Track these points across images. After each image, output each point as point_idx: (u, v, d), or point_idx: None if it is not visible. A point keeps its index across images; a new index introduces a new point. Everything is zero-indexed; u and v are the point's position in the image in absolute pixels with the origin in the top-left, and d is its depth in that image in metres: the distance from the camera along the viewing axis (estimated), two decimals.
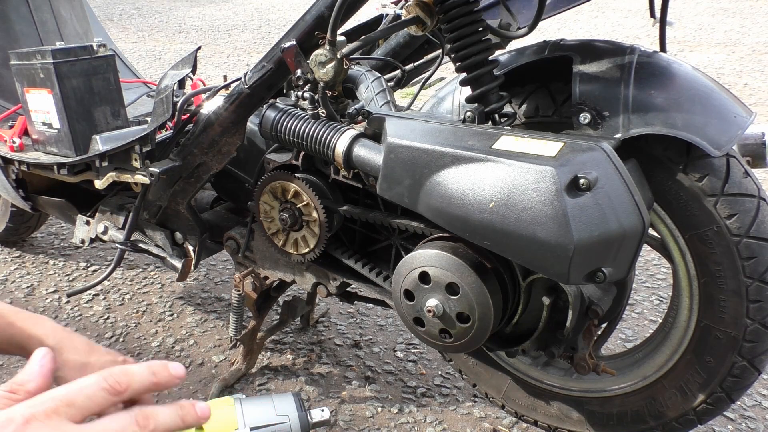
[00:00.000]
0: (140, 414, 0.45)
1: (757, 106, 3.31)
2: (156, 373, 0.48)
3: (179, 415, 0.48)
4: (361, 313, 1.73)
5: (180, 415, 0.48)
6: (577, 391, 1.14)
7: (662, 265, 1.93)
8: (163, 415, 0.46)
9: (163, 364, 0.49)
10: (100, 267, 2.00)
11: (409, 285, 0.95)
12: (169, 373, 0.48)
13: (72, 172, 1.39)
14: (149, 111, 1.62)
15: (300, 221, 1.14)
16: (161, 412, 0.47)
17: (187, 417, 0.48)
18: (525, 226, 0.78)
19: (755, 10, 5.91)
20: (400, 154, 0.90)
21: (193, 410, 0.49)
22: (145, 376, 0.47)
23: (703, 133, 0.85)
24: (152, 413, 0.46)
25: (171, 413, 0.47)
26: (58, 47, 1.31)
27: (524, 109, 1.03)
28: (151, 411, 0.46)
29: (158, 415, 0.46)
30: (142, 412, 0.46)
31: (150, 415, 0.46)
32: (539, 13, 0.94)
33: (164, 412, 0.47)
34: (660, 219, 0.96)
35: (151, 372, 0.48)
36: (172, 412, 0.47)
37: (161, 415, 0.46)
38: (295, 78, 1.04)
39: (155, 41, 5.56)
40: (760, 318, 0.91)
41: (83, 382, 0.44)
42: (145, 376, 0.47)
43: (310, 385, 1.44)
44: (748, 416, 1.33)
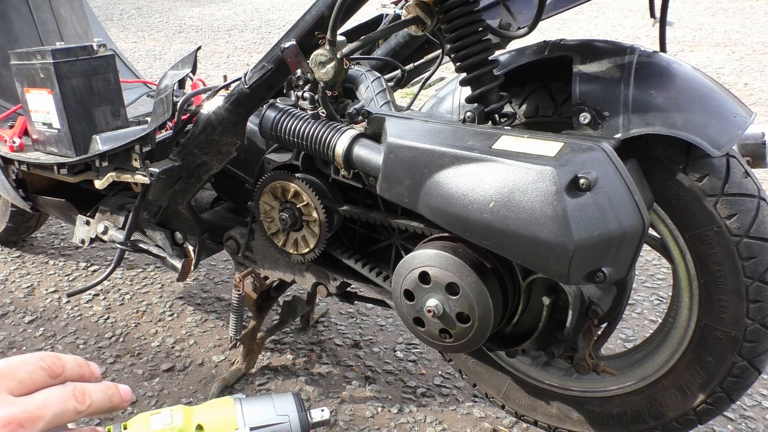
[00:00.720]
0: (77, 389, 0.46)
1: (757, 106, 3.31)
2: (81, 365, 0.49)
3: (107, 394, 0.49)
4: (361, 313, 1.73)
5: (108, 395, 0.49)
6: (577, 391, 1.14)
7: (662, 265, 1.93)
8: (95, 394, 0.47)
9: (86, 361, 0.50)
10: (100, 267, 2.00)
11: (409, 285, 0.95)
12: (90, 370, 0.49)
13: (72, 172, 1.39)
14: (149, 111, 1.62)
15: (300, 221, 1.14)
16: (93, 390, 0.47)
17: (113, 397, 0.49)
18: (525, 226, 0.78)
19: (755, 10, 5.91)
20: (400, 154, 0.90)
21: (118, 392, 0.49)
22: (74, 365, 0.48)
23: (703, 133, 0.85)
24: (87, 390, 0.47)
25: (101, 392, 0.48)
26: (58, 47, 1.31)
27: (524, 109, 1.03)
28: (86, 387, 0.47)
29: (92, 392, 0.47)
30: (78, 387, 0.46)
31: (86, 391, 0.46)
32: (539, 13, 0.94)
33: (96, 390, 0.48)
34: (660, 219, 0.96)
35: (77, 363, 0.49)
36: (101, 391, 0.48)
37: (94, 393, 0.47)
38: (295, 78, 1.04)
39: (155, 41, 5.56)
40: (760, 318, 0.91)
41: (22, 359, 0.45)
42: (74, 365, 0.48)
43: (310, 385, 1.44)
44: (748, 416, 1.33)
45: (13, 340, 1.64)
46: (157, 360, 1.55)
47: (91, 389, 0.47)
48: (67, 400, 0.44)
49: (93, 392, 0.47)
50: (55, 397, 0.44)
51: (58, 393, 0.44)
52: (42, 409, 0.42)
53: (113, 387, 0.49)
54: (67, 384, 0.46)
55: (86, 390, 0.46)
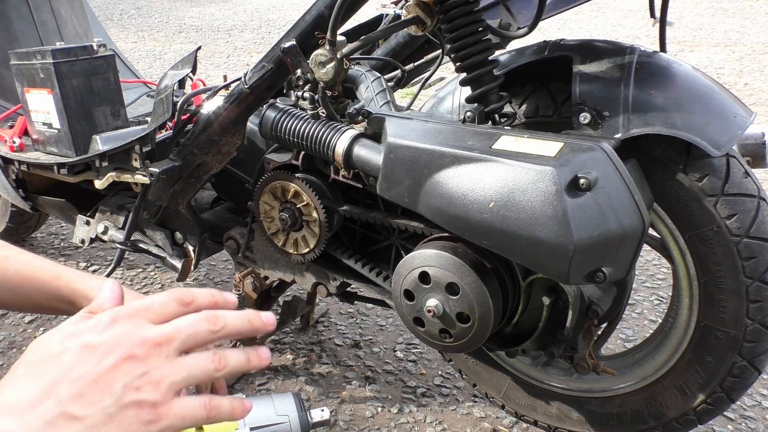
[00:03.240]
0: (210, 313, 0.49)
1: (757, 106, 3.31)
2: (213, 294, 0.52)
3: (245, 318, 0.50)
4: (361, 313, 1.73)
5: (246, 318, 0.50)
6: (577, 391, 1.14)
7: (662, 265, 1.93)
8: (230, 317, 0.49)
9: (219, 292, 0.52)
10: (100, 267, 2.00)
11: (409, 285, 0.95)
12: (223, 298, 0.52)
13: (72, 172, 1.39)
14: (149, 111, 1.62)
15: (300, 221, 1.14)
16: (228, 314, 0.50)
17: (253, 320, 0.51)
18: (525, 226, 0.78)
19: (755, 10, 5.91)
20: (400, 154, 0.90)
21: (258, 317, 0.51)
22: (205, 294, 0.51)
23: (703, 133, 0.85)
24: (219, 313, 0.49)
25: (236, 316, 0.50)
26: (58, 47, 1.31)
27: (524, 109, 1.03)
28: (219, 312, 0.49)
29: (226, 315, 0.49)
30: (211, 312, 0.49)
31: (218, 315, 0.49)
32: (539, 13, 0.94)
33: (231, 314, 0.50)
34: (660, 219, 0.96)
35: (209, 293, 0.52)
36: (236, 315, 0.50)
37: (229, 316, 0.49)
38: (295, 78, 1.04)
39: (155, 41, 5.56)
40: (760, 318, 0.91)
41: (156, 296, 0.49)
42: (205, 295, 0.51)
43: (310, 385, 1.44)
44: (748, 416, 1.33)
45: (13, 340, 1.64)
46: None
47: (225, 313, 0.49)
48: (198, 323, 0.47)
49: (227, 315, 0.49)
50: (187, 320, 0.47)
51: (191, 317, 0.48)
52: (174, 331, 0.46)
53: (253, 312, 0.51)
54: (202, 312, 0.49)
55: (219, 314, 0.49)
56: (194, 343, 0.47)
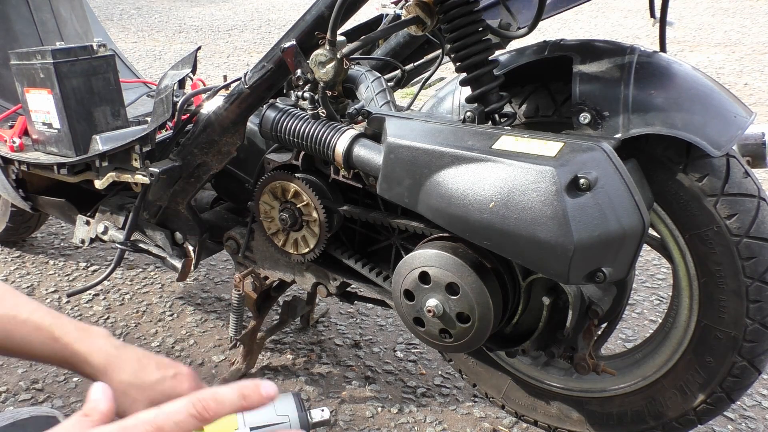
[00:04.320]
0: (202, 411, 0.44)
1: (757, 106, 3.31)
2: (246, 397, 0.46)
3: (241, 406, 0.46)
4: (361, 313, 1.73)
5: (242, 406, 0.46)
6: (577, 391, 1.14)
7: (662, 265, 1.93)
8: (225, 407, 0.45)
9: (254, 385, 0.47)
10: (100, 267, 2.00)
11: (409, 285, 0.95)
12: (260, 395, 0.46)
13: (72, 172, 1.39)
14: (149, 111, 1.62)
15: (300, 221, 1.14)
16: (224, 404, 0.45)
17: (250, 399, 0.46)
18: (525, 226, 0.78)
19: (755, 10, 5.91)
20: (400, 154, 0.90)
21: (258, 392, 0.46)
22: (235, 400, 0.46)
23: (703, 133, 0.85)
24: (215, 409, 0.45)
25: (232, 404, 0.46)
26: (58, 47, 1.31)
27: (524, 109, 1.03)
28: (214, 408, 0.45)
29: (219, 408, 0.45)
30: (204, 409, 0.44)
31: (211, 410, 0.45)
32: (539, 13, 0.94)
33: (226, 406, 0.45)
34: (660, 219, 0.96)
35: (241, 395, 0.46)
36: (233, 398, 0.46)
37: (223, 408, 0.45)
38: (295, 78, 1.04)
39: (155, 41, 5.56)
40: (760, 318, 0.91)
41: (172, 407, 0.44)
42: (234, 401, 0.46)
43: (310, 385, 1.44)
44: (748, 416, 1.33)
45: None
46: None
47: (219, 402, 0.45)
48: None
49: (220, 408, 0.45)
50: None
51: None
52: None
53: (250, 389, 0.46)
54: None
55: (212, 408, 0.44)
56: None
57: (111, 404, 0.48)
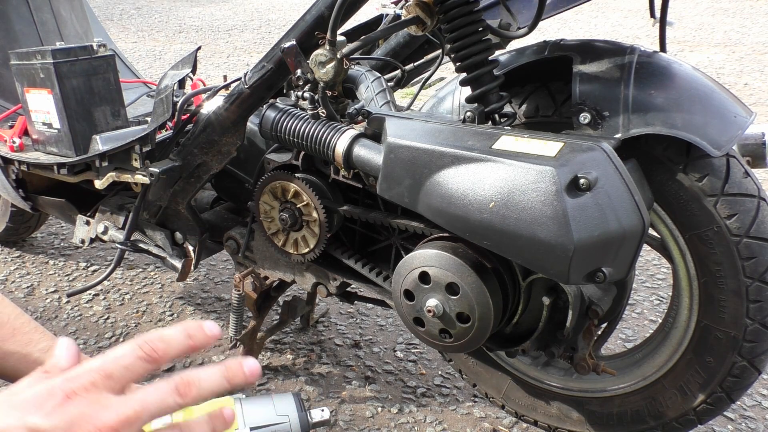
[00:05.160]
0: (182, 381, 0.43)
1: (757, 106, 3.31)
2: (192, 336, 0.45)
3: (225, 377, 0.45)
4: (361, 313, 1.73)
5: (226, 377, 0.45)
6: (577, 391, 1.14)
7: (662, 265, 1.93)
8: (205, 381, 0.44)
9: (197, 324, 0.46)
10: (100, 267, 2.00)
11: (409, 285, 0.95)
12: (205, 334, 0.46)
13: (72, 172, 1.39)
14: (149, 111, 1.62)
15: (300, 221, 1.14)
16: (203, 377, 0.44)
17: (234, 378, 0.45)
18: (525, 226, 0.78)
19: (755, 10, 5.91)
20: (400, 154, 0.90)
21: (241, 369, 0.45)
22: (181, 339, 0.45)
23: (703, 133, 0.85)
24: (194, 379, 0.44)
25: (214, 378, 0.45)
26: (58, 47, 1.31)
27: (524, 109, 1.03)
28: (192, 377, 0.44)
29: (200, 380, 0.44)
30: (183, 379, 0.43)
31: (191, 382, 0.43)
32: (539, 13, 0.94)
33: (207, 377, 0.44)
34: (660, 219, 0.96)
35: (187, 335, 0.45)
36: (214, 376, 0.45)
37: (204, 380, 0.44)
38: (295, 78, 1.04)
39: (155, 41, 5.56)
40: (760, 318, 0.91)
41: (118, 352, 0.43)
42: (180, 340, 0.45)
43: (310, 385, 1.44)
44: (748, 416, 1.33)
45: None
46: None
47: (201, 377, 0.44)
48: (166, 397, 0.42)
49: (202, 380, 0.44)
50: (153, 396, 0.42)
51: (157, 391, 0.42)
52: (137, 412, 0.41)
53: (234, 366, 0.45)
54: (172, 378, 0.43)
55: (192, 380, 0.43)
56: (160, 417, 0.42)
57: (73, 360, 0.46)
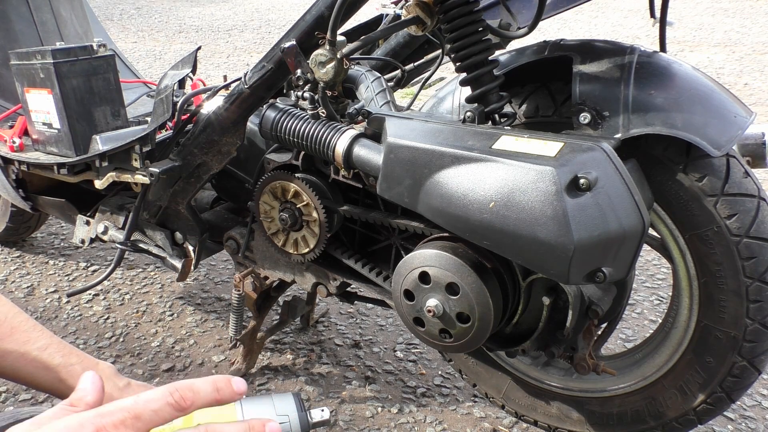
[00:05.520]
0: (180, 397, 0.46)
1: (757, 106, 3.31)
2: (219, 390, 0.48)
3: (216, 390, 0.48)
4: (361, 313, 1.73)
5: (216, 391, 0.48)
6: (577, 391, 1.14)
7: (662, 265, 1.93)
8: (200, 394, 0.47)
9: (226, 379, 0.49)
10: (100, 267, 2.00)
11: (409, 285, 0.95)
12: (232, 390, 0.49)
13: (72, 172, 1.39)
14: (149, 111, 1.62)
15: (300, 221, 1.14)
16: (199, 390, 0.47)
17: (223, 394, 0.48)
18: (525, 226, 0.78)
19: (755, 10, 5.91)
20: (400, 154, 0.90)
21: (230, 387, 0.49)
22: (209, 392, 0.48)
23: (703, 133, 0.85)
24: (192, 393, 0.46)
25: (207, 390, 0.48)
26: (58, 47, 1.31)
27: (524, 109, 1.03)
28: (192, 390, 0.46)
29: (196, 395, 0.47)
30: (180, 393, 0.46)
31: (189, 397, 0.46)
32: (539, 13, 0.94)
33: (203, 390, 0.47)
34: (660, 219, 0.96)
35: (215, 388, 0.48)
36: (208, 389, 0.48)
37: (199, 394, 0.47)
38: (295, 78, 1.04)
39: (155, 41, 5.56)
40: (760, 318, 0.91)
41: (150, 395, 0.45)
42: (209, 393, 0.48)
43: (310, 385, 1.44)
44: (748, 416, 1.33)
45: None
46: (157, 360, 1.55)
47: (196, 390, 0.47)
48: (167, 414, 0.44)
49: (197, 394, 0.47)
50: (157, 417, 0.44)
51: (159, 413, 0.44)
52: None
53: (223, 385, 0.48)
54: (170, 392, 0.46)
55: (190, 396, 0.46)
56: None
57: (99, 395, 0.48)
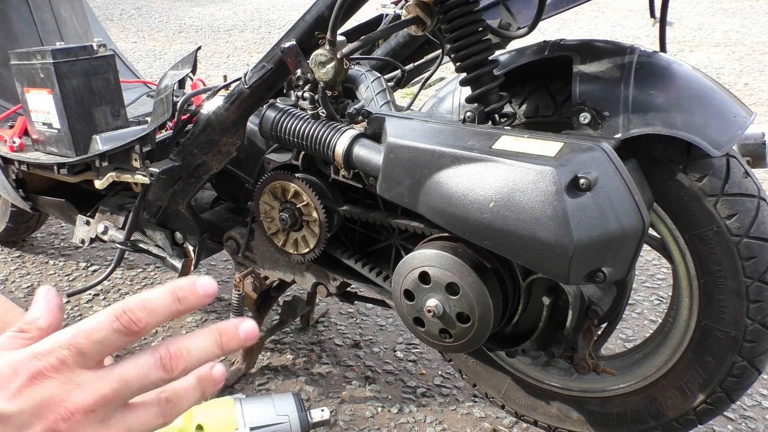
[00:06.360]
0: (166, 353, 0.37)
1: (757, 106, 3.31)
2: (181, 299, 0.38)
3: (218, 344, 0.38)
4: (361, 313, 1.73)
5: (219, 343, 0.38)
6: (577, 391, 1.14)
7: (662, 265, 1.93)
8: (196, 350, 0.38)
9: (189, 283, 0.38)
10: (100, 267, 2.00)
11: (409, 285, 0.95)
12: (198, 295, 0.38)
13: (72, 172, 1.39)
14: (149, 111, 1.62)
15: (300, 221, 1.14)
16: (193, 346, 0.38)
17: (229, 344, 0.39)
18: (525, 226, 0.78)
19: (755, 10, 5.91)
20: (400, 154, 0.90)
21: (237, 334, 0.39)
22: (168, 304, 0.37)
23: (703, 133, 0.85)
24: (182, 350, 0.37)
25: (206, 344, 0.38)
26: (58, 47, 1.31)
27: (524, 109, 1.03)
28: (181, 347, 0.37)
29: (189, 351, 0.37)
30: (169, 349, 0.37)
31: (179, 354, 0.37)
32: (539, 13, 0.94)
33: (197, 344, 0.38)
34: (660, 219, 0.96)
35: (175, 298, 0.38)
36: (207, 341, 0.38)
37: (194, 350, 0.38)
38: (295, 78, 1.04)
39: (155, 41, 5.56)
40: (760, 318, 0.91)
41: (92, 323, 0.36)
42: (167, 305, 0.37)
43: (310, 385, 1.44)
44: (748, 416, 1.33)
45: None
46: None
47: (189, 347, 0.37)
48: (150, 372, 0.36)
49: (191, 350, 0.38)
50: (133, 371, 0.36)
51: (138, 365, 0.36)
52: (116, 390, 0.35)
53: (229, 330, 0.38)
54: (155, 349, 0.37)
55: (179, 352, 0.37)
56: (140, 395, 0.37)
57: (55, 317, 0.40)
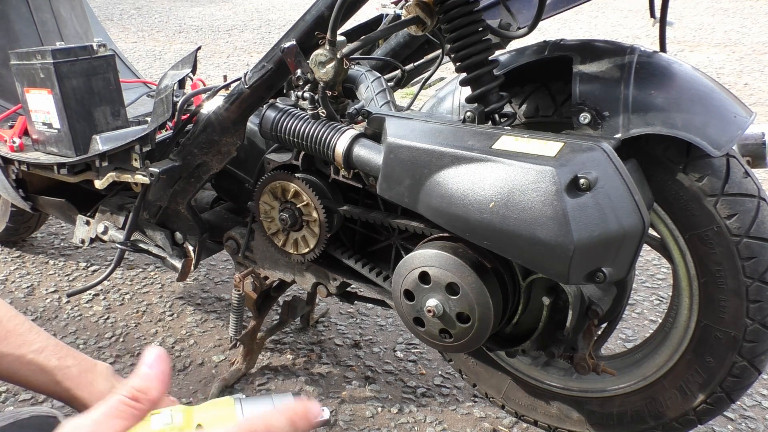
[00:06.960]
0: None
1: (757, 106, 3.31)
2: (295, 422, 0.40)
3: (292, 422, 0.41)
4: (361, 313, 1.73)
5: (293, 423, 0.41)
6: (577, 391, 1.14)
7: (662, 265, 1.93)
8: None
9: (303, 409, 0.41)
10: (100, 267, 2.00)
11: (409, 285, 0.95)
12: (310, 423, 0.41)
13: (72, 172, 1.39)
14: (149, 111, 1.62)
15: (300, 221, 1.14)
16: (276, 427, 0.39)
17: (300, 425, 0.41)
18: (525, 226, 0.78)
19: (755, 10, 5.91)
20: (400, 154, 0.90)
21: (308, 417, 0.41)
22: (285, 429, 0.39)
23: (703, 133, 0.85)
24: None
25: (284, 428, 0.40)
26: (58, 47, 1.31)
27: (524, 109, 1.03)
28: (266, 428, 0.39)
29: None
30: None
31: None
32: (539, 13, 0.94)
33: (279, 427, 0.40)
34: (660, 219, 0.96)
35: (291, 422, 0.40)
36: (285, 425, 0.40)
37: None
38: (295, 78, 1.04)
39: (155, 41, 5.56)
40: (760, 318, 0.91)
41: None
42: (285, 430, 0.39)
43: (310, 385, 1.44)
44: (748, 416, 1.33)
45: None
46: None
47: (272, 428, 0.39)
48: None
49: None
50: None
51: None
52: None
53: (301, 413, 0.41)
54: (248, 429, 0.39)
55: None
56: None
57: (165, 388, 0.40)
